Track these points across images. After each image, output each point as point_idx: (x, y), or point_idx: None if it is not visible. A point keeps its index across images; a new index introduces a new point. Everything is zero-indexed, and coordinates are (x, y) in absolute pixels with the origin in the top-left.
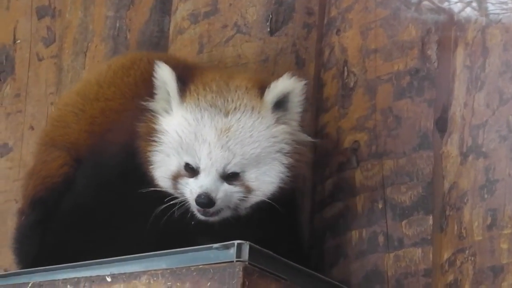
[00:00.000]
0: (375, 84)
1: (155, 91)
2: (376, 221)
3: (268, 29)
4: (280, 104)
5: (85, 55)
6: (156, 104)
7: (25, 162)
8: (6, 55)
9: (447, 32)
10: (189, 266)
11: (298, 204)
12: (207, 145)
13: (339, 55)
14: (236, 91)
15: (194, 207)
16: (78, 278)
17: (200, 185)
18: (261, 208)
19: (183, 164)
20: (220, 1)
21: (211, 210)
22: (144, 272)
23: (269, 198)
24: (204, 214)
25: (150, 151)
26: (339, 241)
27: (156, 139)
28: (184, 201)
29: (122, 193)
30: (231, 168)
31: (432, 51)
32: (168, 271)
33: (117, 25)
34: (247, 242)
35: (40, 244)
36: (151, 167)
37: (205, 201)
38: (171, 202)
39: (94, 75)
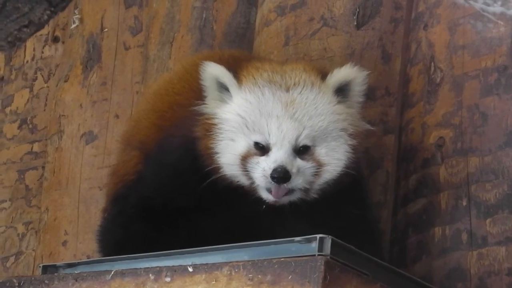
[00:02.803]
0: (462, 80)
1: (204, 94)
2: (460, 219)
3: (355, 23)
4: (341, 91)
5: (171, 45)
6: (207, 106)
7: (110, 150)
8: (93, 43)
9: None
10: (271, 259)
11: (366, 194)
12: (275, 118)
13: (426, 51)
14: (292, 71)
15: (264, 188)
16: (160, 267)
17: (274, 160)
18: (328, 197)
19: (252, 143)
20: None
21: (287, 185)
22: (225, 263)
23: (334, 185)
24: (276, 192)
25: (212, 144)
26: (422, 238)
27: (216, 131)
28: (252, 185)
29: (185, 186)
30: (302, 141)
31: None
32: (250, 263)
33: (204, 15)
34: (329, 236)
35: (118, 235)
36: (216, 156)
37: (281, 175)
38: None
39: (169, 74)
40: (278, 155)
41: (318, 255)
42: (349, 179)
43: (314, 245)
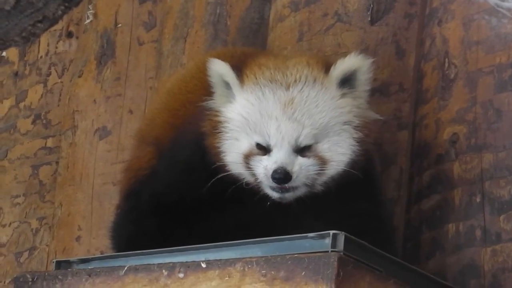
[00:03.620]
0: (476, 76)
1: (212, 90)
2: (473, 215)
3: (369, 19)
4: (347, 82)
5: (185, 40)
6: (215, 102)
7: (123, 145)
8: (107, 39)
9: None
10: (284, 255)
11: (379, 190)
12: (274, 120)
13: (440, 46)
14: (295, 66)
15: (268, 186)
16: (173, 263)
17: (274, 160)
18: (340, 193)
19: (254, 144)
20: None
21: (288, 185)
22: (239, 259)
23: (341, 179)
24: (279, 191)
25: (218, 142)
26: (436, 234)
27: (222, 129)
28: (256, 182)
29: (196, 181)
30: (303, 141)
31: None
32: (263, 259)
33: (218, 11)
34: (343, 232)
35: (130, 231)
36: (222, 155)
37: (282, 176)
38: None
39: (182, 72)
40: (278, 156)
41: (332, 251)
42: (359, 172)
43: (328, 241)
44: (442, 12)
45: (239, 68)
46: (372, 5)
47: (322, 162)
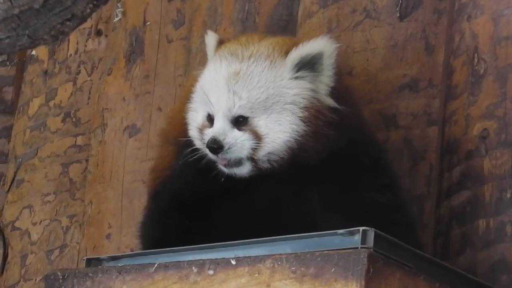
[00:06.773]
0: (506, 71)
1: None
2: (504, 211)
3: (398, 15)
4: (308, 65)
5: None
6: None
7: (153, 143)
8: (136, 36)
9: None
10: (314, 251)
11: (392, 179)
12: (217, 89)
13: (469, 42)
14: (261, 44)
15: (213, 158)
16: (203, 260)
17: (211, 131)
18: (348, 185)
19: (206, 115)
20: None
21: (221, 156)
22: (268, 256)
23: (296, 154)
24: (224, 165)
25: (185, 113)
26: (466, 230)
27: (189, 100)
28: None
29: (211, 178)
30: (237, 111)
31: None
32: (293, 255)
33: (246, 8)
34: (372, 228)
35: (155, 230)
36: (189, 130)
37: (214, 145)
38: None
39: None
40: (215, 126)
41: (361, 247)
42: (365, 159)
43: (357, 237)
44: (471, 8)
45: (224, 43)
46: (400, 1)
47: (257, 137)
